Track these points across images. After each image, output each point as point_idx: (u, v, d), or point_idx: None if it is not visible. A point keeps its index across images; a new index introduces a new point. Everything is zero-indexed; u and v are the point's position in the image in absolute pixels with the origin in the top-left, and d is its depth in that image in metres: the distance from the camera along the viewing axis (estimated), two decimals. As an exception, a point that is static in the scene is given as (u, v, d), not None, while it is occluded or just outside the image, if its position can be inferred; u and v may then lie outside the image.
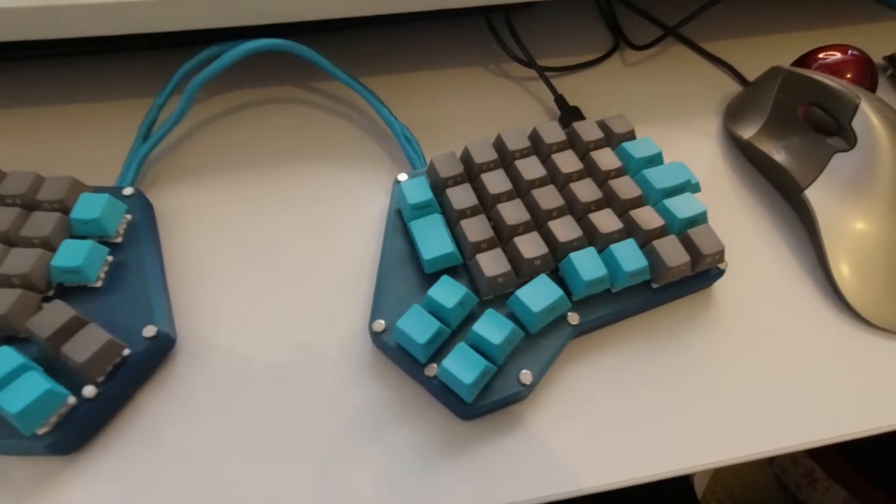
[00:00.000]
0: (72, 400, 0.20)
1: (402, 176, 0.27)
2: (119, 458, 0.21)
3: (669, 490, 0.45)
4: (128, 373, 0.21)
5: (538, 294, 0.22)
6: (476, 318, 0.23)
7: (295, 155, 0.30)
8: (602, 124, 0.28)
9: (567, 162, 0.26)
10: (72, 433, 0.20)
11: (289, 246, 0.27)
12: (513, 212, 0.24)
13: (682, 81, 0.35)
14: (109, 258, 0.24)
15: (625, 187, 0.26)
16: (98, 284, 0.23)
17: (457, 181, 0.26)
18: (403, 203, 0.25)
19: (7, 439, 0.20)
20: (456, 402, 0.21)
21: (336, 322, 0.24)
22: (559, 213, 0.25)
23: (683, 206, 0.25)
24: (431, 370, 0.22)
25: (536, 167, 0.26)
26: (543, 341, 0.23)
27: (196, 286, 0.25)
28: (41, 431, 0.20)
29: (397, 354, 0.22)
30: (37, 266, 0.22)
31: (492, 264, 0.23)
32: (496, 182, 0.25)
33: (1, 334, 0.21)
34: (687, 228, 0.25)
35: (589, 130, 0.28)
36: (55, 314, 0.20)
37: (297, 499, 0.20)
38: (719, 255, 0.24)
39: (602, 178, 0.26)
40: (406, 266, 0.24)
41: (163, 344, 0.23)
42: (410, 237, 0.25)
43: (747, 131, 0.31)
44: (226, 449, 0.21)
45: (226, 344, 0.24)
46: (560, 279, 0.24)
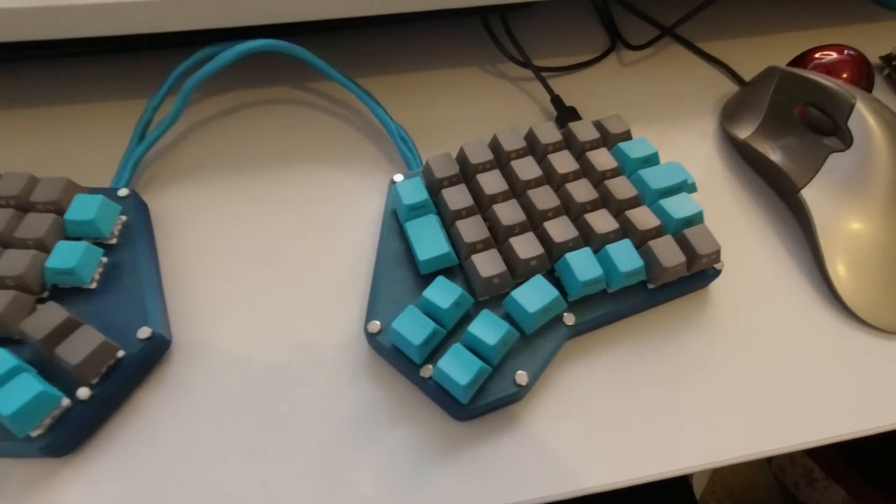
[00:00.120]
0: (66, 402, 0.20)
1: (398, 177, 0.27)
2: (115, 460, 0.21)
3: (667, 490, 0.45)
4: (122, 374, 0.21)
5: (534, 295, 0.22)
6: (471, 319, 0.23)
7: (290, 156, 0.30)
8: (598, 124, 0.28)
9: (563, 162, 0.26)
10: (66, 435, 0.20)
11: (284, 247, 0.27)
12: (508, 212, 0.24)
13: (679, 81, 0.35)
14: (104, 259, 0.24)
15: (621, 187, 0.25)
16: (93, 286, 0.23)
17: (452, 182, 0.26)
18: (399, 204, 0.25)
19: (1, 441, 0.20)
20: (451, 403, 0.21)
21: (332, 323, 0.24)
22: (555, 214, 0.25)
23: (679, 207, 0.25)
24: (427, 371, 0.22)
25: (532, 167, 0.26)
26: (539, 342, 0.23)
27: (191, 287, 0.25)
28: (35, 433, 0.19)
29: (393, 355, 0.22)
30: (31, 267, 0.22)
31: (487, 265, 0.23)
32: (492, 182, 0.25)
33: (-5, 336, 0.21)
34: (683, 229, 0.25)
35: (585, 131, 0.28)
36: (49, 316, 0.20)
37: (294, 499, 0.20)
38: (715, 256, 0.24)
39: (598, 179, 0.26)
40: (402, 267, 0.24)
41: (158, 345, 0.23)
42: (406, 238, 0.25)
43: (744, 131, 0.31)
44: (222, 449, 0.21)
45: (221, 345, 0.24)
46: (556, 280, 0.24)
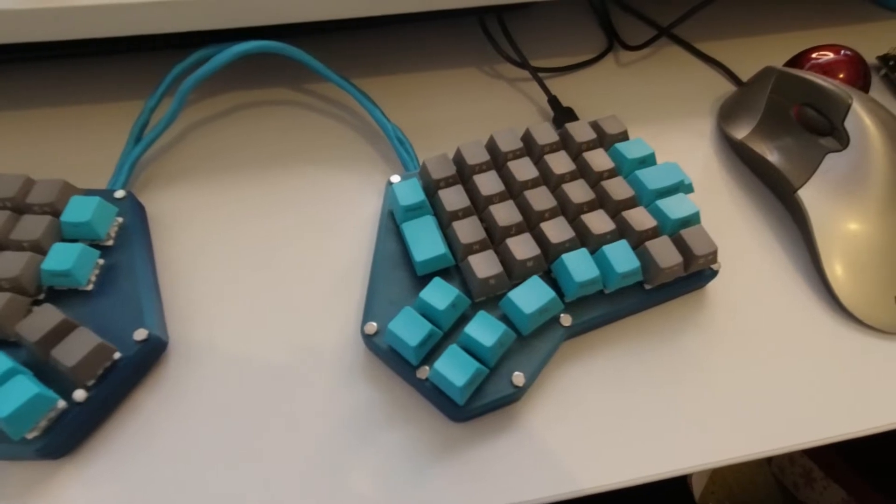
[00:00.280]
0: (62, 404, 0.20)
1: (395, 178, 0.27)
2: (112, 461, 0.21)
3: (666, 491, 0.45)
4: (119, 376, 0.21)
5: (530, 296, 0.22)
6: (468, 320, 0.23)
7: (287, 157, 0.30)
8: (595, 125, 0.28)
9: (560, 163, 0.26)
10: (62, 437, 0.20)
11: (281, 248, 0.27)
12: (505, 213, 0.24)
13: (676, 82, 0.35)
14: (100, 261, 0.24)
15: (617, 188, 0.25)
16: (89, 288, 0.23)
17: (449, 183, 0.26)
18: (396, 205, 0.25)
19: (-4, 444, 0.19)
20: (448, 405, 0.21)
21: (328, 324, 0.24)
22: (551, 215, 0.25)
23: (676, 207, 0.25)
24: (423, 372, 0.22)
25: (529, 168, 0.26)
26: (536, 343, 0.23)
27: (188, 289, 0.25)
28: (31, 436, 0.19)
29: (389, 357, 0.22)
30: (27, 269, 0.22)
31: (484, 266, 0.23)
32: (488, 183, 0.25)
33: (-10, 338, 0.21)
34: (680, 229, 0.25)
35: (582, 131, 0.28)
36: (44, 318, 0.20)
37: (291, 499, 0.20)
38: (712, 256, 0.24)
39: (595, 179, 0.26)
40: (398, 268, 0.24)
41: (154, 347, 0.22)
42: (403, 239, 0.25)
43: (740, 132, 0.31)
44: (219, 450, 0.21)
45: (218, 346, 0.24)
46: (552, 281, 0.24)
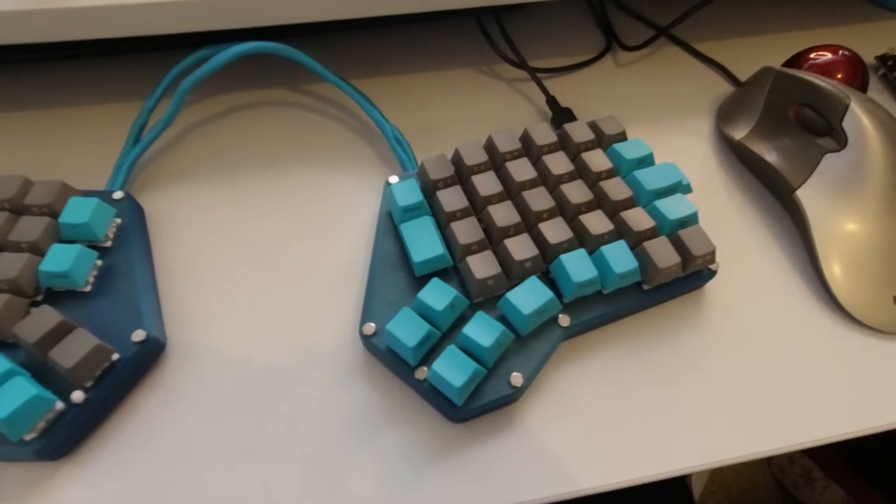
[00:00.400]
0: (59, 405, 0.20)
1: (393, 178, 0.27)
2: (111, 463, 0.21)
3: (664, 491, 0.45)
4: (117, 377, 0.21)
5: (528, 296, 0.22)
6: (466, 321, 0.23)
7: (285, 158, 0.30)
8: (593, 125, 0.28)
9: (558, 163, 0.26)
10: (60, 439, 0.20)
11: (279, 249, 0.27)
12: (503, 214, 0.24)
13: (674, 82, 0.35)
14: (98, 262, 0.24)
15: (616, 188, 0.25)
16: (87, 289, 0.23)
17: (447, 183, 0.26)
18: (394, 205, 0.25)
19: (-6, 445, 0.19)
20: (446, 405, 0.21)
21: (327, 325, 0.24)
22: (550, 215, 0.25)
23: (674, 207, 0.25)
24: (421, 373, 0.22)
25: (527, 169, 0.26)
26: (534, 343, 0.23)
27: (186, 290, 0.25)
28: (29, 437, 0.19)
29: (387, 357, 0.22)
30: (25, 271, 0.22)
31: (482, 266, 0.23)
32: (486, 184, 0.25)
33: (-12, 340, 0.21)
34: (678, 229, 0.25)
35: (580, 132, 0.28)
36: (42, 319, 0.20)
37: (290, 500, 0.20)
38: (710, 256, 0.24)
39: (593, 180, 0.26)
40: (396, 268, 0.24)
41: (152, 348, 0.22)
42: (401, 240, 0.25)
43: (739, 132, 0.31)
44: (218, 450, 0.21)
45: (216, 347, 0.24)
46: (551, 281, 0.24)
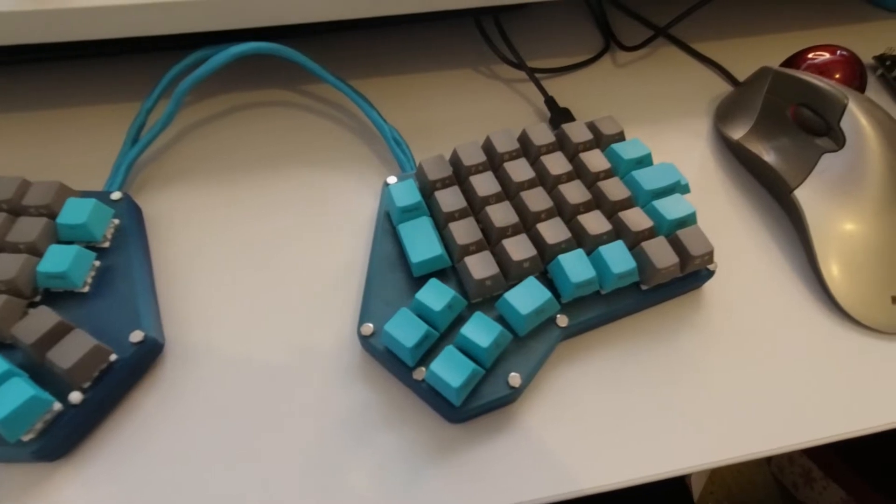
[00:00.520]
0: (57, 406, 0.20)
1: (391, 179, 0.27)
2: (109, 463, 0.21)
3: (664, 491, 0.45)
4: (115, 378, 0.21)
5: (527, 296, 0.22)
6: (464, 321, 0.23)
7: (284, 158, 0.30)
8: (591, 126, 0.28)
9: (556, 164, 0.26)
10: (58, 439, 0.20)
11: (278, 249, 0.27)
12: (501, 214, 0.24)
13: (673, 82, 0.35)
14: (96, 263, 0.24)
15: (614, 189, 0.25)
16: (85, 290, 0.23)
17: (445, 184, 0.26)
18: (392, 206, 0.25)
19: (-8, 446, 0.19)
20: (444, 406, 0.21)
21: (325, 325, 0.24)
22: (548, 215, 0.25)
23: (672, 208, 0.25)
24: (420, 374, 0.22)
25: (525, 169, 0.26)
26: (532, 344, 0.23)
27: (185, 290, 0.25)
28: (26, 438, 0.19)
29: (386, 358, 0.22)
30: (22, 271, 0.22)
31: (480, 267, 0.23)
32: (485, 184, 0.25)
33: (-14, 341, 0.21)
34: (676, 230, 0.25)
35: (578, 132, 0.28)
36: (40, 320, 0.20)
37: (289, 499, 0.20)
38: (708, 257, 0.24)
39: (591, 180, 0.26)
40: (395, 269, 0.24)
41: (150, 349, 0.22)
42: (399, 240, 0.25)
43: (737, 132, 0.31)
44: (217, 451, 0.21)
45: (215, 347, 0.24)
46: (549, 281, 0.24)
